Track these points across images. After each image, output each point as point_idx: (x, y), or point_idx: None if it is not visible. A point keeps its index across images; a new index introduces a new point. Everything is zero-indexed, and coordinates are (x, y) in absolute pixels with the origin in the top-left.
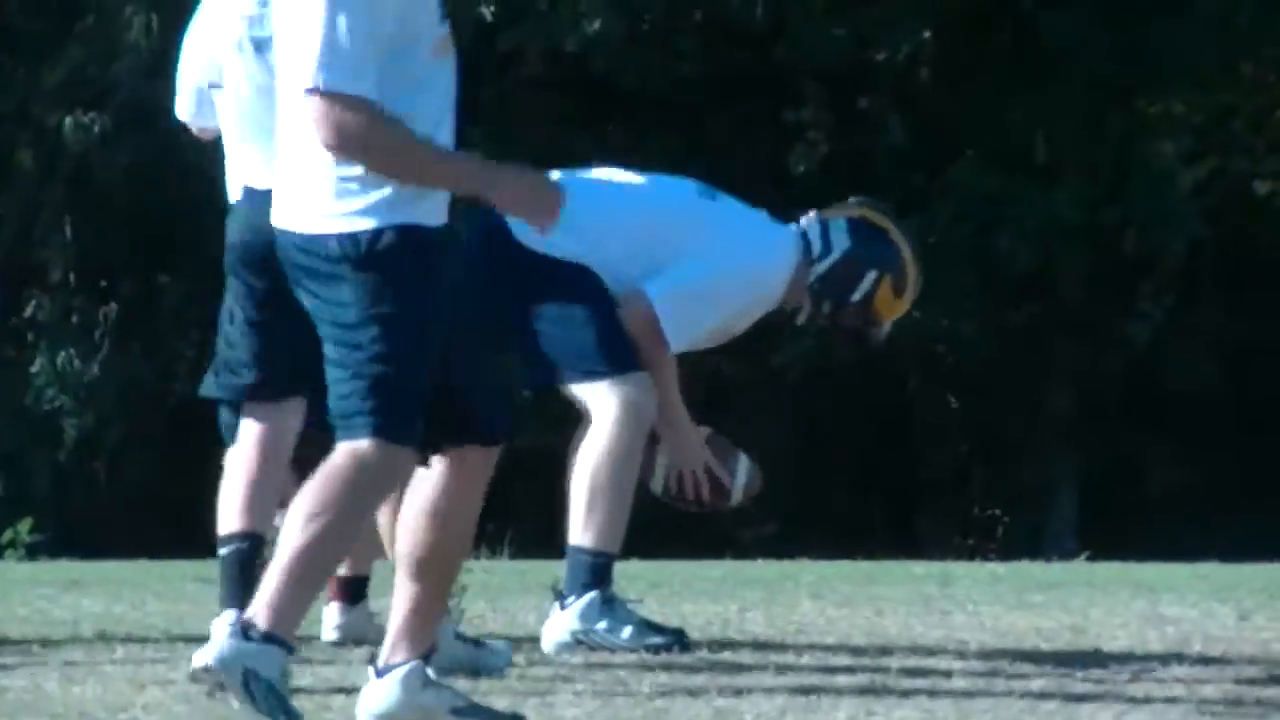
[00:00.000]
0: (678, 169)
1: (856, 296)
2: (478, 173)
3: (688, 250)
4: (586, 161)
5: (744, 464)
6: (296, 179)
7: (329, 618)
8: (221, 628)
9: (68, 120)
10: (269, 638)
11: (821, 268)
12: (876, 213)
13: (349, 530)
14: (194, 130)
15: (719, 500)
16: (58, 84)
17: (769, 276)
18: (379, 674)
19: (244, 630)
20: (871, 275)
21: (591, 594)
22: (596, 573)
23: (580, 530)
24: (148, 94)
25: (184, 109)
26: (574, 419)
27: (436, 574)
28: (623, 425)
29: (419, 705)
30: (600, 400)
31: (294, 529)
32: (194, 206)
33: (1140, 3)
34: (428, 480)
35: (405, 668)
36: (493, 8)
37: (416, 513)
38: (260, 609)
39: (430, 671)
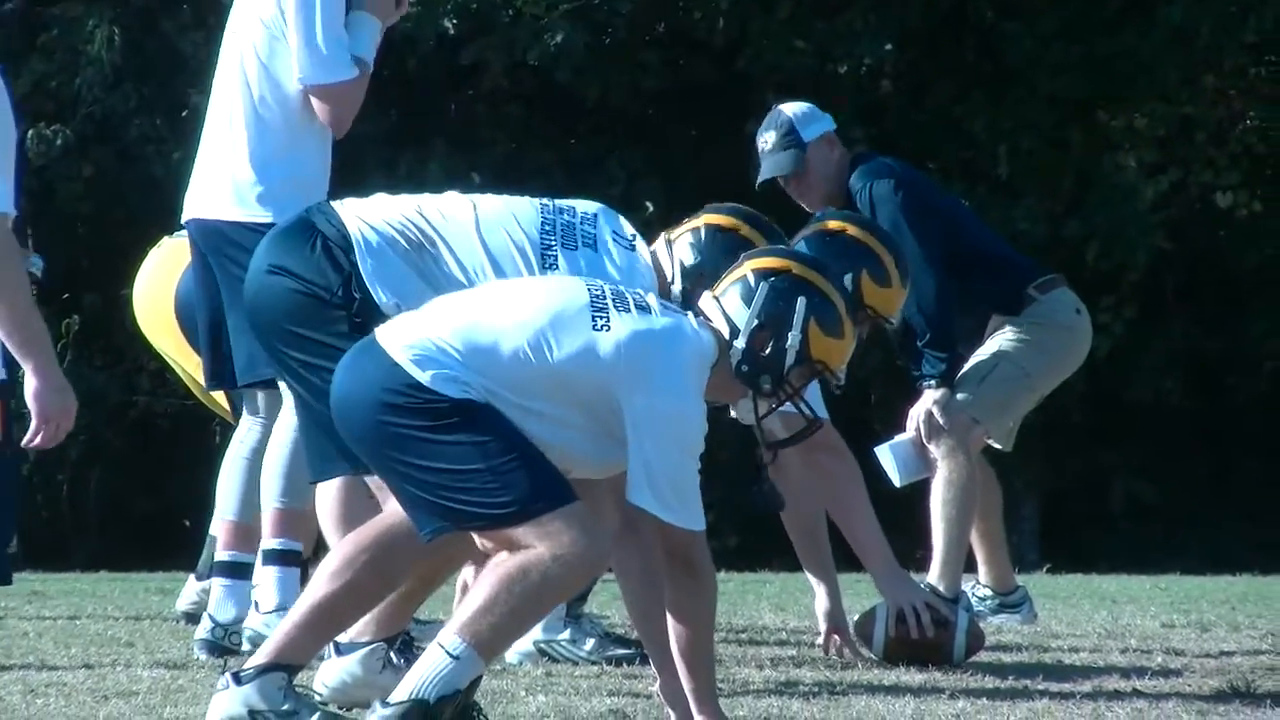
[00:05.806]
0: (640, 181)
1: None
2: None
3: None
4: (549, 173)
5: (961, 613)
6: None
7: None
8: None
9: (30, 133)
10: (263, 669)
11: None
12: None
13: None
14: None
15: (944, 635)
16: (20, 97)
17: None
18: (340, 651)
19: (235, 679)
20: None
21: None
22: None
23: None
24: (110, 106)
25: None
26: None
27: (427, 564)
28: None
29: (376, 685)
30: None
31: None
32: (156, 219)
33: (1102, 16)
34: None
35: (368, 648)
36: (455, 21)
37: None
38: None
39: (393, 655)
